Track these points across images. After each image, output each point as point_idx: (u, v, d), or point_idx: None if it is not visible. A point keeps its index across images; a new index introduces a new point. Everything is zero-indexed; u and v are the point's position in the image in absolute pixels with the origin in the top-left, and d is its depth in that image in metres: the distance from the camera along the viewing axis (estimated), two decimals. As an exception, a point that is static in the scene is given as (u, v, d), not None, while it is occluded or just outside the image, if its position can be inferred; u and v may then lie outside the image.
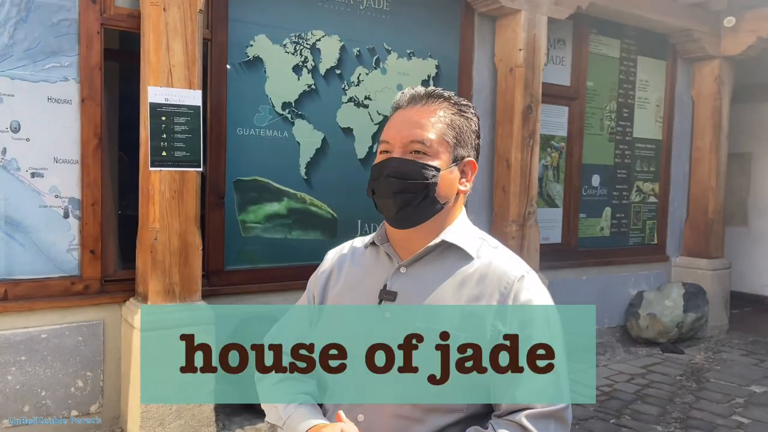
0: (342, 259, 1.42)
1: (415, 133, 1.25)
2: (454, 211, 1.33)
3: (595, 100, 5.56)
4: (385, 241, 1.35)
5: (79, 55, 3.27)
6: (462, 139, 1.29)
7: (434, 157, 1.25)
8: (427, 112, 1.28)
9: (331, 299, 1.37)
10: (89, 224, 3.33)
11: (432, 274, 1.27)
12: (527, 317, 1.22)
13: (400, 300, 1.26)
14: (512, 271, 1.26)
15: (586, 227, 5.59)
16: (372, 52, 4.25)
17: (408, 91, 1.31)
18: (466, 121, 1.31)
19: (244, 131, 3.81)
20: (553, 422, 1.17)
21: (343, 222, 4.18)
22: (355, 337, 1.28)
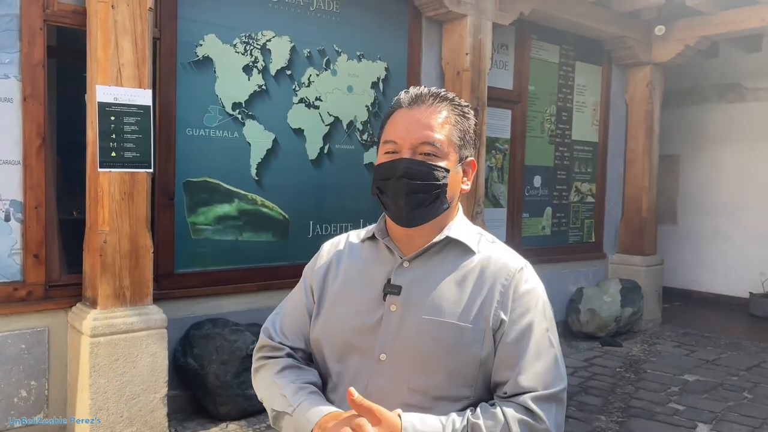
0: (339, 253, 1.43)
1: (425, 135, 1.28)
2: (455, 208, 1.38)
3: (536, 104, 5.75)
4: (385, 236, 1.37)
5: (20, 52, 3.14)
6: (465, 139, 1.33)
7: (444, 158, 1.29)
8: (434, 113, 1.30)
9: (333, 293, 1.38)
10: (32, 228, 3.20)
11: (435, 269, 1.31)
12: (528, 306, 1.28)
13: (404, 293, 1.29)
14: (512, 263, 1.32)
15: (529, 226, 5.77)
16: (322, 53, 4.26)
17: (412, 91, 1.33)
18: (468, 122, 1.35)
19: (194, 131, 3.75)
20: (554, 404, 1.24)
21: (294, 223, 4.17)
22: (362, 330, 1.30)
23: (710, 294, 7.74)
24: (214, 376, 3.53)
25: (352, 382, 1.28)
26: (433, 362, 1.25)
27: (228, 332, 3.63)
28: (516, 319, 1.27)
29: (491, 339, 1.25)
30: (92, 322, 3.04)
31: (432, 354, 1.25)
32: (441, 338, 1.25)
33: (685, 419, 3.93)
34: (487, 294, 1.28)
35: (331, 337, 1.35)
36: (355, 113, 4.42)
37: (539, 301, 1.31)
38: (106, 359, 3.06)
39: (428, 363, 1.25)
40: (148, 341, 3.19)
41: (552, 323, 1.32)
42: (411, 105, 1.31)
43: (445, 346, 1.24)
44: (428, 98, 1.31)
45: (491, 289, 1.28)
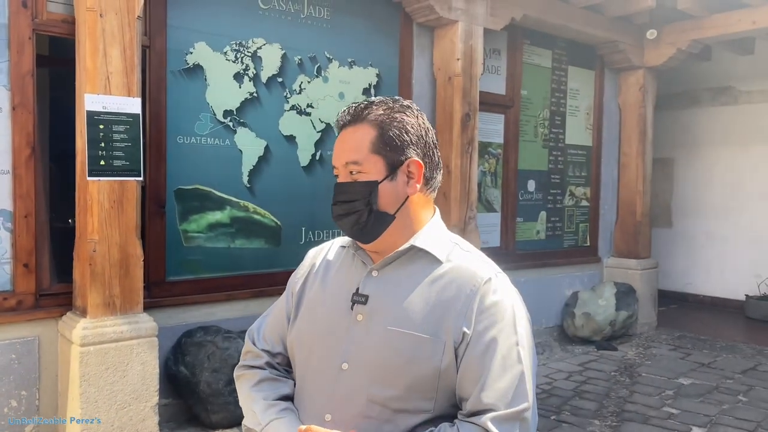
0: (321, 260, 1.45)
1: (346, 155, 1.30)
2: (420, 214, 1.34)
3: (530, 108, 5.76)
4: (358, 247, 1.37)
5: (9, 61, 3.14)
6: (397, 142, 1.29)
7: (368, 173, 1.28)
8: (353, 131, 1.31)
9: (308, 299, 1.40)
10: (22, 237, 3.20)
11: (403, 278, 1.30)
12: (493, 319, 1.24)
13: (371, 303, 1.29)
14: (480, 273, 1.28)
15: (523, 231, 5.77)
16: (313, 60, 4.27)
17: (340, 114, 1.35)
18: (401, 122, 1.31)
19: (185, 139, 3.75)
20: (517, 424, 1.19)
21: (287, 230, 4.17)
22: (327, 339, 1.31)
23: (706, 297, 7.74)
24: (206, 384, 3.52)
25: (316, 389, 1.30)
26: (392, 373, 1.23)
27: (220, 340, 3.62)
28: (481, 332, 1.23)
29: (452, 352, 1.22)
30: (82, 331, 3.03)
31: (391, 365, 1.23)
32: (401, 349, 1.23)
33: (679, 423, 3.93)
34: (450, 305, 1.25)
35: (301, 343, 1.36)
36: (347, 119, 4.41)
37: (507, 313, 1.25)
38: (96, 368, 3.05)
39: (387, 374, 1.24)
40: (138, 349, 3.18)
41: (524, 338, 1.25)
42: (340, 128, 1.35)
43: (404, 358, 1.23)
44: (348, 116, 1.33)
45: (455, 300, 1.25)
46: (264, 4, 4.03)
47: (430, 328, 1.24)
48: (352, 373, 1.27)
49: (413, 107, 1.35)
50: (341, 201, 1.30)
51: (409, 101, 1.36)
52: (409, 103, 1.36)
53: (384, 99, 1.34)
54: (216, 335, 3.65)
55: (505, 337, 1.23)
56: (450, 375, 1.23)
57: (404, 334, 1.24)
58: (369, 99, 1.34)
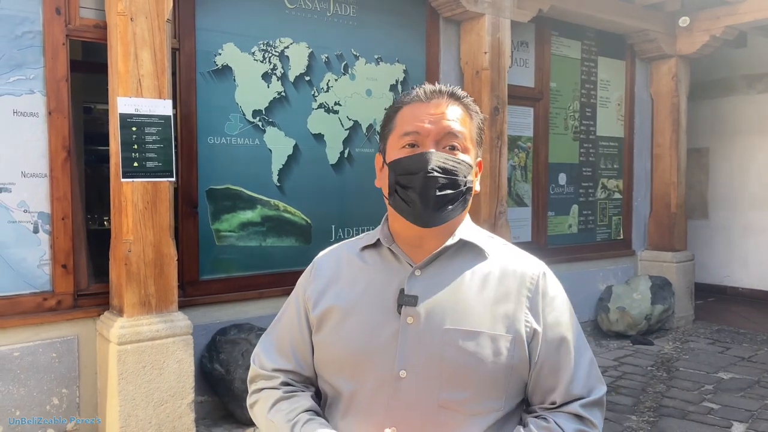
0: (337, 265, 1.33)
1: (449, 126, 1.20)
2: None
3: (559, 101, 5.69)
4: (392, 242, 1.27)
5: (44, 67, 3.22)
6: (480, 139, 1.29)
7: (466, 153, 1.23)
8: (453, 107, 1.23)
9: (337, 309, 1.26)
10: (60, 238, 3.27)
11: (451, 275, 1.23)
12: (559, 311, 1.25)
13: (421, 303, 1.20)
14: (533, 268, 1.27)
15: (555, 225, 5.70)
16: (340, 58, 4.28)
17: (427, 87, 1.25)
18: (478, 121, 1.29)
19: (215, 140, 3.80)
20: (599, 409, 1.23)
21: (317, 228, 4.19)
22: (373, 348, 1.20)
23: (744, 289, 7.55)
24: (241, 381, 3.56)
25: (369, 402, 1.19)
26: (461, 375, 1.16)
27: (253, 337, 3.66)
28: (551, 325, 1.23)
29: (523, 347, 1.19)
30: (119, 330, 3.09)
31: (460, 366, 1.16)
32: (468, 348, 1.16)
33: (719, 418, 3.84)
34: (513, 300, 1.22)
35: (340, 357, 1.24)
36: (375, 116, 4.42)
37: (566, 304, 1.27)
38: (133, 366, 3.11)
39: (457, 376, 1.16)
40: (174, 348, 3.23)
41: (579, 326, 1.29)
42: (429, 99, 1.23)
43: (473, 357, 1.16)
44: (445, 93, 1.25)
45: (516, 295, 1.22)
46: (290, 4, 4.05)
47: (494, 324, 1.19)
48: (413, 380, 1.17)
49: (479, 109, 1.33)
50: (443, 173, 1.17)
51: None
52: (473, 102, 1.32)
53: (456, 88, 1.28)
54: (249, 333, 3.69)
55: (571, 327, 1.25)
56: (521, 370, 1.20)
57: (468, 332, 1.17)
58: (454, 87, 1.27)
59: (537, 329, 1.20)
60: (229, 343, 3.65)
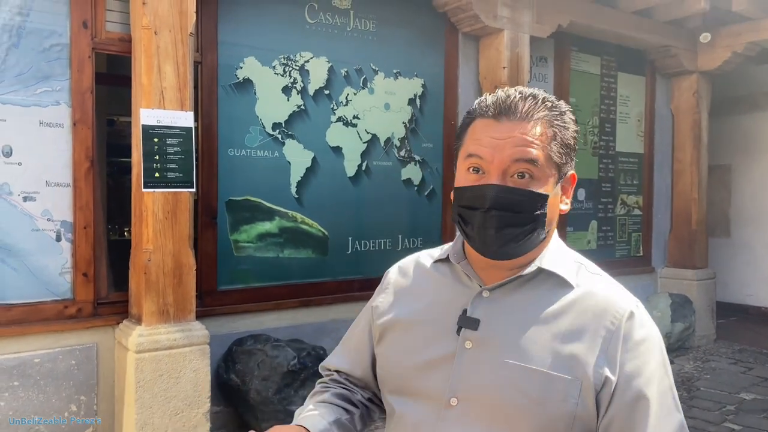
0: (408, 278, 1.25)
1: (519, 152, 1.03)
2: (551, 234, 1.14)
3: (578, 116, 5.64)
4: (462, 259, 1.15)
5: (70, 79, 3.29)
6: (567, 150, 1.08)
7: (542, 181, 1.05)
8: (529, 124, 1.05)
9: (398, 322, 1.19)
10: (81, 247, 3.33)
11: (522, 302, 1.09)
12: (642, 360, 1.04)
13: (483, 329, 1.08)
14: (620, 303, 1.07)
15: (574, 240, 5.66)
16: (359, 72, 4.32)
17: (499, 95, 1.08)
18: (568, 130, 1.09)
19: (236, 152, 3.85)
20: None
21: (334, 240, 4.21)
22: (429, 367, 1.11)
23: None
24: (256, 392, 3.57)
25: (415, 428, 1.11)
26: (515, 415, 1.04)
27: (269, 348, 3.67)
28: (630, 376, 1.02)
29: (591, 395, 1.02)
30: (137, 339, 3.13)
31: (515, 405, 1.03)
32: (526, 388, 1.03)
33: (741, 439, 3.77)
34: (587, 340, 1.04)
35: (393, 373, 1.17)
36: (393, 130, 4.45)
37: (655, 352, 1.06)
38: (150, 375, 3.14)
39: (510, 416, 1.04)
40: (191, 357, 3.25)
41: (672, 378, 1.08)
42: (499, 115, 1.06)
43: (531, 398, 1.02)
44: (520, 105, 1.06)
45: (594, 334, 1.04)
46: (311, 19, 4.11)
47: (560, 364, 1.03)
48: (463, 411, 1.07)
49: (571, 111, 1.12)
50: (503, 210, 1.03)
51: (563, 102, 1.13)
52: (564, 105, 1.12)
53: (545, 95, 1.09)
54: (265, 344, 3.71)
55: (657, 381, 1.04)
56: (587, 422, 1.03)
57: (529, 369, 1.03)
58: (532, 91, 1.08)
59: (610, 378, 1.02)
60: (246, 353, 3.67)
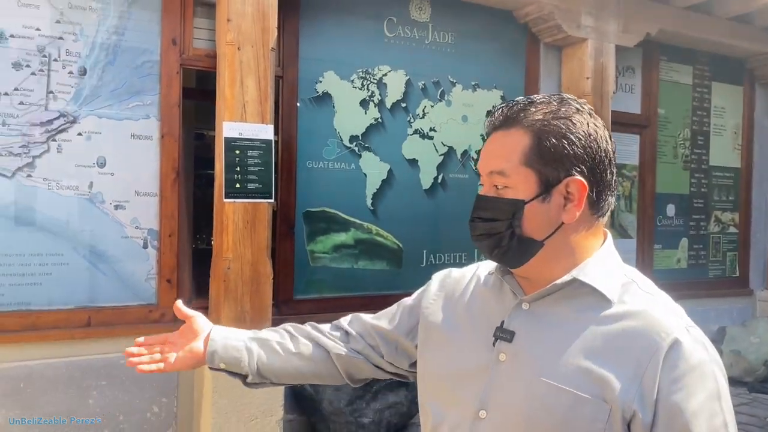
0: (460, 285, 1.25)
1: (492, 163, 1.08)
2: (584, 242, 1.08)
3: (668, 128, 5.40)
4: (507, 272, 1.13)
5: (159, 94, 3.46)
6: (555, 155, 1.03)
7: (515, 188, 1.05)
8: (504, 135, 1.08)
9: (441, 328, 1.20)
10: (166, 254, 3.47)
11: (559, 316, 1.05)
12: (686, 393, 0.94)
13: (517, 341, 1.06)
14: (666, 326, 0.98)
15: (662, 259, 5.38)
16: (437, 84, 4.30)
17: (493, 113, 1.13)
18: (564, 130, 1.05)
19: (314, 164, 3.91)
20: None
21: (408, 252, 4.19)
22: (463, 376, 1.11)
23: None
24: (328, 403, 3.58)
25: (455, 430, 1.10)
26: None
27: (342, 359, 3.68)
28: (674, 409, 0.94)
29: (620, 425, 0.96)
30: (215, 344, 3.21)
31: (540, 424, 1.00)
32: (552, 406, 0.99)
33: None
34: (621, 363, 0.97)
35: (432, 379, 1.18)
36: (470, 142, 4.39)
37: (707, 383, 0.95)
38: (227, 381, 3.16)
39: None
40: (266, 365, 3.30)
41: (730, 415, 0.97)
42: (490, 131, 1.12)
43: (556, 418, 0.98)
44: (500, 117, 1.10)
45: (629, 358, 0.97)
46: (390, 32, 4.14)
47: (590, 385, 0.98)
48: (492, 425, 1.06)
49: (585, 110, 1.07)
50: (480, 218, 1.09)
51: (582, 102, 1.09)
52: (581, 104, 1.08)
53: (549, 98, 1.08)
54: (339, 355, 3.72)
55: (707, 417, 0.94)
56: None
57: (557, 388, 0.99)
58: (531, 97, 1.09)
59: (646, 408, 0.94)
60: (319, 363, 3.69)
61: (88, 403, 3.23)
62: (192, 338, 1.33)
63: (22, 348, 3.15)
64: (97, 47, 3.33)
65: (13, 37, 3.14)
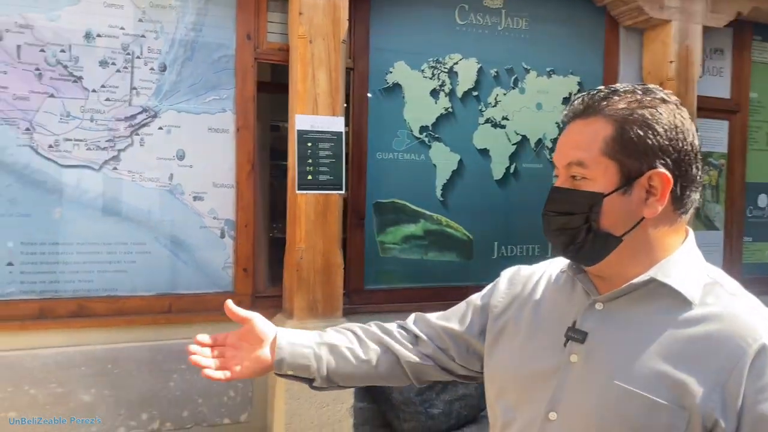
0: (530, 282, 1.22)
1: (570, 154, 1.04)
2: (665, 239, 1.03)
3: (761, 113, 5.06)
4: (580, 270, 1.10)
5: (235, 88, 3.55)
6: (639, 146, 0.99)
7: (594, 180, 1.01)
8: (584, 125, 1.04)
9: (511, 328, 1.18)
10: (242, 244, 3.58)
11: (635, 318, 1.01)
12: None
13: (590, 343, 1.03)
14: (754, 331, 0.93)
15: (752, 252, 5.06)
16: (510, 72, 4.20)
17: (574, 101, 1.08)
18: (649, 120, 1.00)
19: (384, 155, 3.92)
20: None
21: (478, 244, 4.14)
22: (535, 377, 1.09)
23: None
24: (398, 392, 3.61)
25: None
26: None
27: (412, 350, 3.69)
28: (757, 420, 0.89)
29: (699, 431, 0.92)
30: (288, 332, 3.29)
31: (612, 429, 0.97)
32: (627, 413, 0.95)
33: None
34: (703, 368, 0.93)
35: (501, 380, 1.16)
36: (544, 131, 4.28)
37: None
38: (299, 368, 3.28)
39: None
40: (336, 353, 3.36)
41: None
42: (569, 120, 1.08)
43: (631, 424, 0.95)
44: (580, 106, 1.05)
45: (712, 363, 0.93)
46: (461, 20, 4.07)
47: (668, 391, 0.93)
48: (561, 428, 1.03)
49: (671, 101, 1.02)
50: (554, 212, 1.05)
51: (669, 92, 1.04)
52: (667, 95, 1.03)
53: (633, 87, 1.04)
54: (408, 345, 3.73)
55: None
56: None
57: (632, 392, 0.95)
58: (613, 86, 1.05)
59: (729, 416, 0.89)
60: (389, 353, 3.72)
61: (169, 386, 3.40)
62: (255, 343, 1.30)
63: (109, 332, 3.34)
64: (176, 44, 3.45)
65: (100, 37, 3.31)
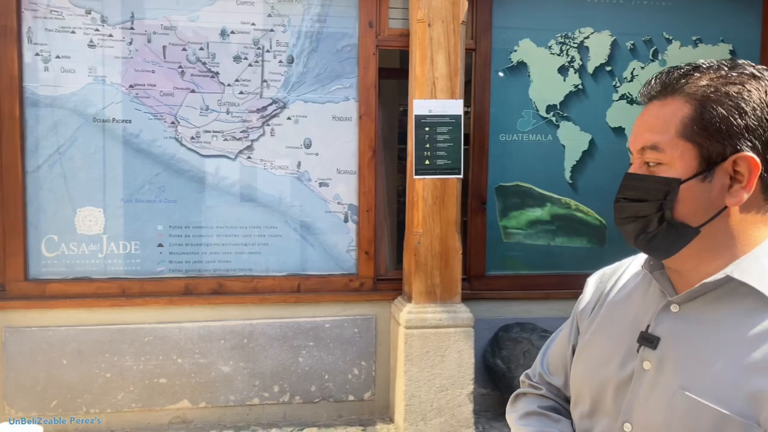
0: (613, 283, 1.14)
1: (643, 138, 0.96)
2: (747, 232, 0.93)
3: None
4: (657, 268, 1.02)
5: (357, 76, 3.64)
6: (722, 127, 0.89)
7: (670, 165, 0.92)
8: (660, 106, 0.95)
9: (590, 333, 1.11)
10: (364, 228, 3.68)
11: (712, 321, 0.92)
12: None
13: (663, 348, 0.95)
14: None
15: None
16: (649, 43, 3.88)
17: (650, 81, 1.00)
18: (735, 98, 0.90)
19: (507, 137, 3.82)
20: None
21: (612, 229, 3.90)
22: (608, 385, 1.02)
23: None
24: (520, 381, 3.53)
25: None
26: None
27: (536, 338, 3.59)
28: None
29: None
30: (407, 315, 3.35)
31: None
32: (692, 425, 0.88)
33: None
34: None
35: (577, 387, 1.11)
36: (688, 106, 3.91)
37: None
38: (418, 350, 3.33)
39: None
40: (455, 338, 3.36)
41: None
42: (644, 102, 1.00)
43: None
44: (657, 86, 0.96)
45: None
46: (592, -9, 3.83)
47: (741, 403, 0.85)
48: None
49: (764, 76, 0.91)
50: (626, 199, 0.98)
51: (762, 67, 0.92)
52: (758, 70, 0.91)
53: (718, 63, 0.93)
54: (532, 333, 3.63)
55: None
56: None
57: (699, 404, 0.88)
58: (696, 62, 0.95)
59: None
60: (512, 340, 3.65)
61: (298, 361, 3.60)
62: None
63: (246, 308, 3.60)
64: (302, 36, 3.60)
65: (233, 33, 3.54)
